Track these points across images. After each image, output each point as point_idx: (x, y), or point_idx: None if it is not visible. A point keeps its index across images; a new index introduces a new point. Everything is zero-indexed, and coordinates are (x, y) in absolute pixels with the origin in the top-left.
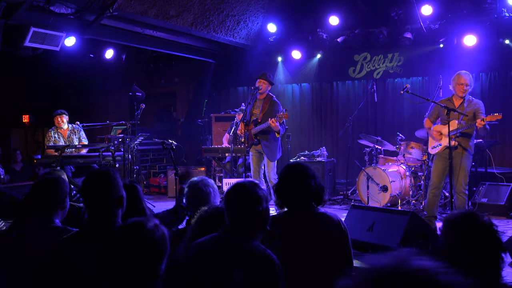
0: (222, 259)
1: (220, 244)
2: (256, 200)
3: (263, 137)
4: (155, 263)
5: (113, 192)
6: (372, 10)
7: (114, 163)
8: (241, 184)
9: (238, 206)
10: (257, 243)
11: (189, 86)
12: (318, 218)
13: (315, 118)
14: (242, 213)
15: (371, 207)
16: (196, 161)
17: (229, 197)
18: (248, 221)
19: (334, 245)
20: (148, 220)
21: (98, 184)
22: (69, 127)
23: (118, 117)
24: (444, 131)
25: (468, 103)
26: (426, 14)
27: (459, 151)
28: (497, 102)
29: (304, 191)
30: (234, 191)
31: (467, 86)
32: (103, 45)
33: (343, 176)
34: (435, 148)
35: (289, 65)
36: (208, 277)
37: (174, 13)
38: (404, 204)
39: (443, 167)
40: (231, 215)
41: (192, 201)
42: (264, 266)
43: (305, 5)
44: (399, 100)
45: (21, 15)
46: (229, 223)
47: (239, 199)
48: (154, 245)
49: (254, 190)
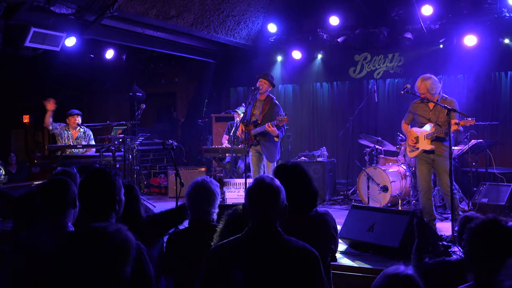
0: (261, 259)
1: (254, 243)
2: (279, 195)
3: (262, 138)
4: (117, 266)
5: (111, 193)
6: (373, 10)
7: (114, 163)
8: (262, 182)
9: (265, 203)
10: (287, 236)
11: (189, 86)
12: (313, 220)
13: (316, 118)
14: (269, 210)
15: (371, 207)
16: (197, 161)
17: (254, 196)
18: (275, 216)
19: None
20: (110, 225)
21: (97, 183)
22: (80, 129)
23: (118, 117)
24: (420, 135)
25: (442, 102)
26: (426, 14)
27: (438, 153)
28: (497, 102)
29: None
30: (259, 189)
31: (422, 94)
32: (103, 45)
33: (343, 176)
34: (413, 151)
35: (290, 65)
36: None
37: (174, 13)
38: (405, 204)
39: (427, 169)
40: (263, 211)
41: (194, 201)
42: (305, 258)
43: (305, 5)
44: (400, 100)
45: (22, 15)
46: (260, 220)
47: (265, 197)
48: (115, 249)
49: (276, 186)
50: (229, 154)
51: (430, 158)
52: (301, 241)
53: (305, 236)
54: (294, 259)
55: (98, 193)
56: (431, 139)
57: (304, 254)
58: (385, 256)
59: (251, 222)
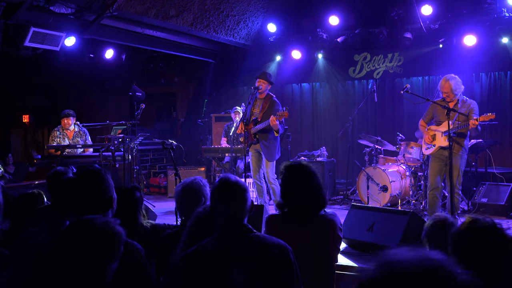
0: (238, 256)
1: (229, 242)
2: (245, 193)
3: (262, 136)
4: (101, 258)
5: (102, 191)
6: (372, 10)
7: (114, 163)
8: (227, 181)
9: (233, 202)
10: (259, 233)
11: (189, 86)
12: (322, 221)
13: (315, 118)
14: (238, 208)
15: (371, 207)
16: (196, 161)
17: (221, 196)
18: (244, 214)
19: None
20: (100, 218)
21: (88, 183)
22: (75, 128)
23: (118, 117)
24: (437, 132)
25: (462, 104)
26: (426, 14)
27: (453, 151)
28: (497, 102)
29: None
30: (225, 189)
31: (445, 94)
32: (103, 45)
33: (343, 176)
34: (429, 149)
35: (289, 65)
36: (220, 278)
37: (174, 13)
38: (404, 204)
39: (439, 167)
40: (232, 211)
41: (181, 203)
42: (280, 253)
43: (305, 5)
44: (399, 100)
45: (21, 15)
46: (230, 219)
47: (233, 196)
48: (101, 237)
49: (241, 184)
50: (229, 154)
51: (445, 155)
52: (273, 237)
53: (314, 236)
54: (271, 255)
55: (90, 194)
56: (448, 136)
57: (280, 249)
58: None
59: (220, 222)
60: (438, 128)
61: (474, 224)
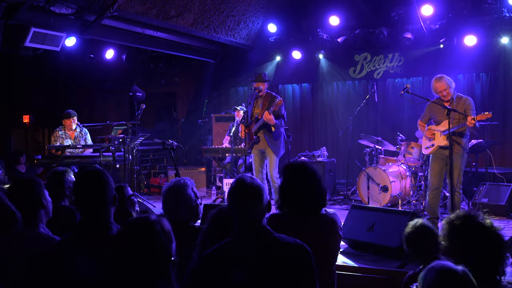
0: (258, 259)
1: (247, 243)
2: (262, 193)
3: (266, 132)
4: (164, 252)
5: (106, 191)
6: (373, 10)
7: (114, 163)
8: (243, 182)
9: (250, 203)
10: (276, 234)
11: (189, 86)
12: (323, 220)
13: (315, 118)
14: (255, 209)
15: (371, 207)
16: (196, 161)
17: (238, 197)
18: (261, 215)
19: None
20: (149, 215)
21: (92, 183)
22: (77, 129)
23: (118, 117)
24: (437, 132)
25: (457, 100)
26: (427, 14)
27: (453, 150)
28: (497, 102)
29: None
30: (242, 190)
31: (444, 92)
32: (103, 45)
33: (343, 176)
34: (429, 148)
35: (290, 65)
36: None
37: (174, 13)
38: (405, 204)
39: (440, 167)
40: (250, 212)
41: (167, 204)
42: (300, 253)
43: (305, 5)
44: (400, 100)
45: (21, 15)
46: (247, 220)
47: (249, 197)
48: (163, 235)
49: (257, 184)
50: (229, 154)
51: (445, 155)
52: (291, 237)
53: (316, 235)
54: (289, 255)
55: (93, 195)
56: (447, 135)
57: (298, 249)
58: (385, 256)
59: (237, 223)
60: (437, 128)
61: (474, 217)
